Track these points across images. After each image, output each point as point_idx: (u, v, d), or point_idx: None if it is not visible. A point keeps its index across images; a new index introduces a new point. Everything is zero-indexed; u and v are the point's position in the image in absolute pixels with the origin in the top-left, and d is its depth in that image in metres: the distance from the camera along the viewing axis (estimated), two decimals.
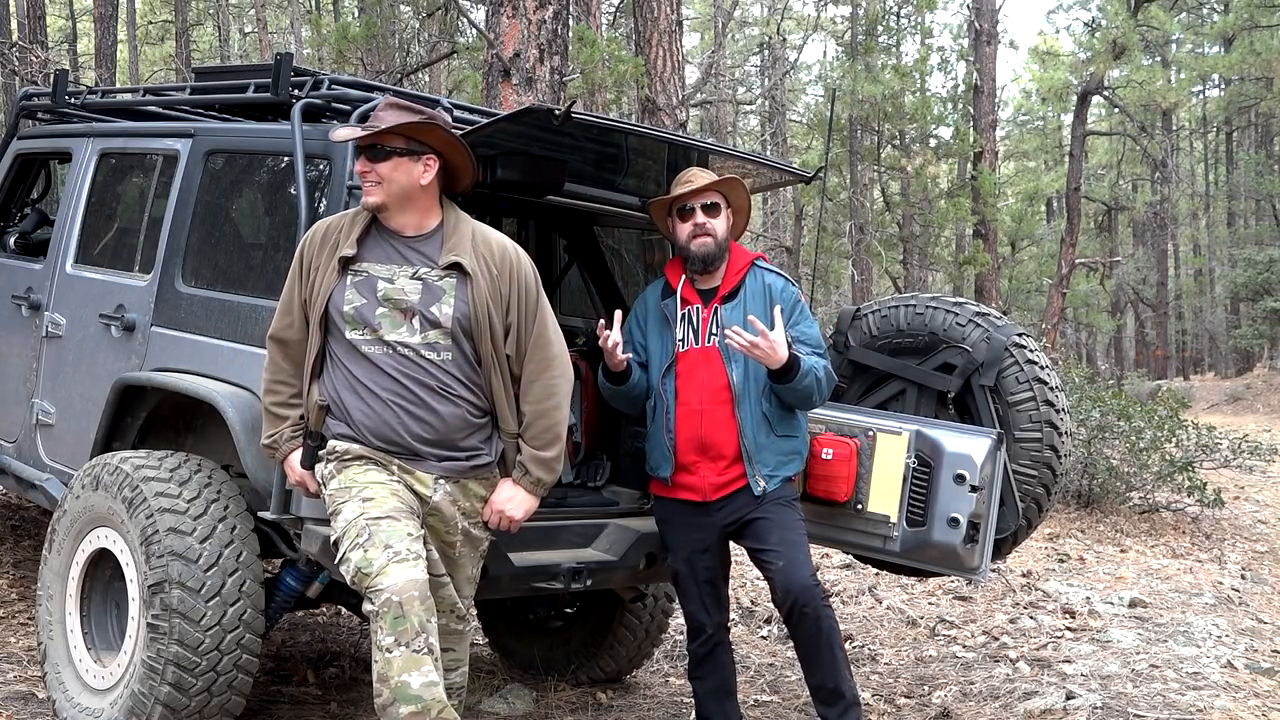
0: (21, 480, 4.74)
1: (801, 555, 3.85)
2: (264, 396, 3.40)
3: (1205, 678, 5.02)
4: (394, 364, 3.23)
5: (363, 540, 3.06)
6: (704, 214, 3.91)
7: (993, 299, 20.35)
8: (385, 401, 3.23)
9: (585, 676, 5.10)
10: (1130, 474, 10.24)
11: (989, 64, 21.03)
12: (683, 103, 11.36)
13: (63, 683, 3.88)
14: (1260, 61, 23.14)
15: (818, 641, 3.83)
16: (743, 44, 33.85)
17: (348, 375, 3.26)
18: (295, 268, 3.35)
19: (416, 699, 2.98)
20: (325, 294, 3.25)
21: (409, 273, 3.27)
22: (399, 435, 3.23)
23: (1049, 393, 4.13)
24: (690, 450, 3.90)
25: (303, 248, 3.36)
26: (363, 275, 3.26)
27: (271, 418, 3.39)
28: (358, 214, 3.33)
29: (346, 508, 3.16)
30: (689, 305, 3.96)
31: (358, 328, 3.24)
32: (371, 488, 3.18)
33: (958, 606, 6.63)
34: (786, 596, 3.82)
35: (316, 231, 3.35)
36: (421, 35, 15.13)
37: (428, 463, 3.28)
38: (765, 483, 3.87)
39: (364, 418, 3.23)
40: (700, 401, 3.89)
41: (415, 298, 3.25)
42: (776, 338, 3.73)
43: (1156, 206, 33.20)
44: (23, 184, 5.53)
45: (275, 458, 3.41)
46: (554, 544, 4.07)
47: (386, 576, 3.01)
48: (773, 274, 4.01)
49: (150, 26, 26.49)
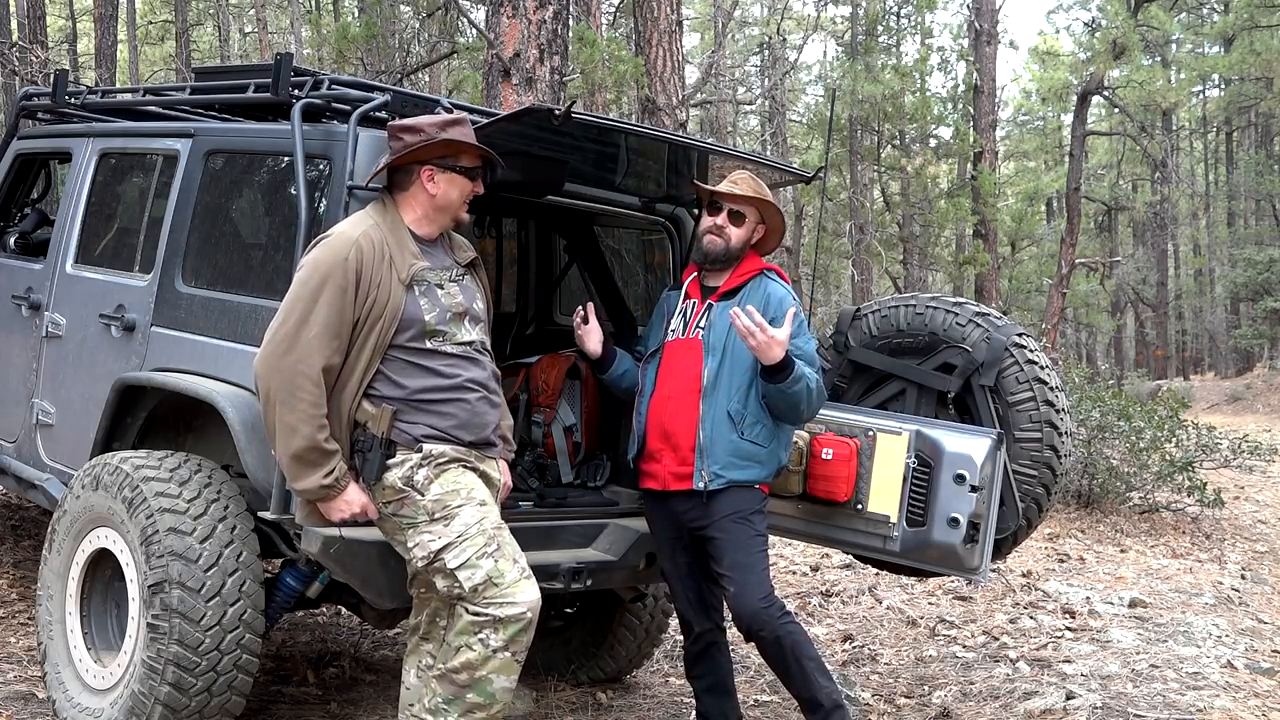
0: (21, 480, 4.73)
1: (753, 577, 3.81)
2: (311, 434, 3.14)
3: (1205, 678, 5.02)
4: (470, 362, 3.37)
5: (492, 550, 3.20)
6: (726, 218, 3.93)
7: (993, 299, 20.36)
8: (471, 401, 3.34)
9: (585, 676, 5.10)
10: (1130, 474, 10.24)
11: (989, 64, 21.05)
12: (683, 103, 11.37)
13: (63, 683, 3.88)
14: (1260, 61, 23.16)
15: (784, 659, 3.84)
16: (743, 44, 33.85)
17: (425, 380, 3.27)
18: (342, 288, 3.17)
19: (491, 697, 3.22)
20: (397, 308, 3.23)
21: (448, 276, 3.39)
22: (488, 428, 3.40)
23: (1049, 393, 4.13)
24: (655, 437, 3.92)
25: (354, 266, 3.18)
26: (425, 284, 3.32)
27: (322, 454, 3.18)
28: (393, 226, 3.32)
29: (465, 512, 3.23)
30: (690, 299, 4.00)
31: (436, 336, 3.30)
32: (478, 491, 3.29)
33: (958, 606, 6.63)
34: (740, 623, 3.85)
35: (363, 248, 3.21)
36: (421, 35, 15.13)
37: (497, 448, 3.49)
38: (708, 479, 3.80)
39: (454, 416, 3.30)
40: (670, 390, 3.91)
41: (461, 298, 3.39)
42: (778, 334, 3.70)
43: (1156, 206, 33.21)
44: (23, 184, 5.53)
45: (330, 496, 3.22)
46: (554, 544, 4.07)
47: (521, 591, 3.21)
48: (777, 285, 3.98)
49: (150, 26, 26.51)
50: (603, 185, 4.51)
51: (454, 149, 3.31)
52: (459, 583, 3.17)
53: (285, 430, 3.13)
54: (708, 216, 3.97)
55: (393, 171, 3.37)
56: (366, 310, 3.18)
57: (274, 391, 3.14)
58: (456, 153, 3.32)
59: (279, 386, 3.13)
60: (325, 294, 3.14)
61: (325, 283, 3.15)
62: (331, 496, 3.20)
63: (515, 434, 4.70)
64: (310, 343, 3.13)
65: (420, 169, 3.32)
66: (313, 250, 3.27)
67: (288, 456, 3.16)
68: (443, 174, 3.33)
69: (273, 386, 3.14)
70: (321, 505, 3.23)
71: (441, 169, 3.32)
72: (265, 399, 3.17)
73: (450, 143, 3.29)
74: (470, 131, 3.36)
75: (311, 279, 3.17)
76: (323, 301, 3.13)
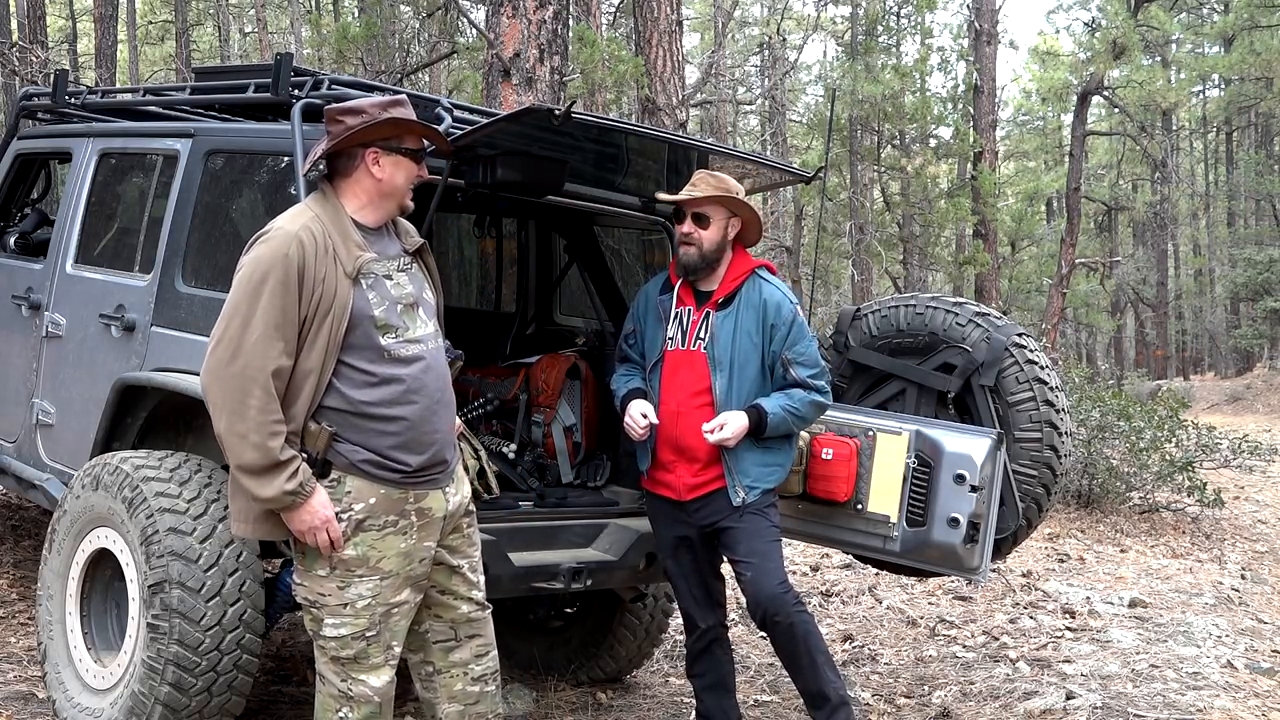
0: (22, 480, 4.74)
1: (770, 564, 3.84)
2: (266, 441, 2.89)
3: (1205, 678, 5.02)
4: (423, 362, 3.11)
5: (370, 635, 3.06)
6: (692, 223, 3.90)
7: (993, 299, 20.36)
8: (422, 405, 3.08)
9: (585, 676, 5.10)
10: (1130, 474, 10.25)
11: (989, 64, 21.05)
12: (683, 103, 11.37)
13: (63, 683, 3.88)
14: (1260, 61, 23.15)
15: (794, 647, 3.84)
16: (743, 44, 33.83)
17: (369, 392, 3.02)
18: (284, 284, 2.93)
19: None
20: (345, 303, 2.99)
21: (395, 266, 3.16)
22: (434, 445, 3.11)
23: (1049, 393, 4.13)
24: (667, 449, 3.92)
25: (297, 261, 2.95)
26: (372, 277, 3.07)
27: (281, 464, 2.91)
28: (335, 216, 3.08)
29: (362, 585, 3.04)
30: (683, 306, 3.96)
31: (388, 331, 3.05)
32: (388, 561, 3.05)
33: (958, 606, 6.63)
34: (757, 607, 3.85)
35: (304, 241, 2.98)
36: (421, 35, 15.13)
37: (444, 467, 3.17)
38: (745, 494, 3.86)
39: (396, 434, 3.04)
40: (678, 403, 3.90)
41: (410, 288, 3.16)
42: (729, 428, 3.79)
43: (1156, 206, 33.20)
44: (23, 184, 5.53)
45: (296, 504, 2.95)
46: (554, 544, 4.08)
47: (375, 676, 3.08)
48: (772, 286, 3.94)
49: (150, 26, 26.50)
50: (603, 185, 4.51)
51: (399, 129, 3.11)
52: (324, 645, 3.09)
53: (235, 440, 2.90)
54: (678, 226, 3.94)
55: (333, 159, 3.14)
56: (314, 307, 2.95)
57: (222, 401, 2.91)
58: (401, 133, 3.12)
59: (227, 395, 2.90)
60: (266, 293, 2.92)
61: (265, 280, 2.93)
62: (297, 504, 2.95)
63: (515, 434, 4.70)
64: (255, 346, 2.90)
65: (364, 152, 3.11)
66: (251, 249, 3.05)
67: (240, 467, 2.93)
68: (388, 156, 3.11)
69: (220, 396, 2.92)
70: (285, 514, 2.98)
71: (386, 151, 3.11)
72: (213, 409, 2.93)
73: (395, 122, 3.09)
74: (412, 111, 3.17)
75: (252, 278, 2.95)
76: (265, 301, 2.92)
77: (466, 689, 3.28)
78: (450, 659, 3.27)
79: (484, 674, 3.32)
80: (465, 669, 3.28)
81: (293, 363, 2.96)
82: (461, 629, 3.27)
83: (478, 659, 3.30)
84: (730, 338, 3.85)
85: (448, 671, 3.27)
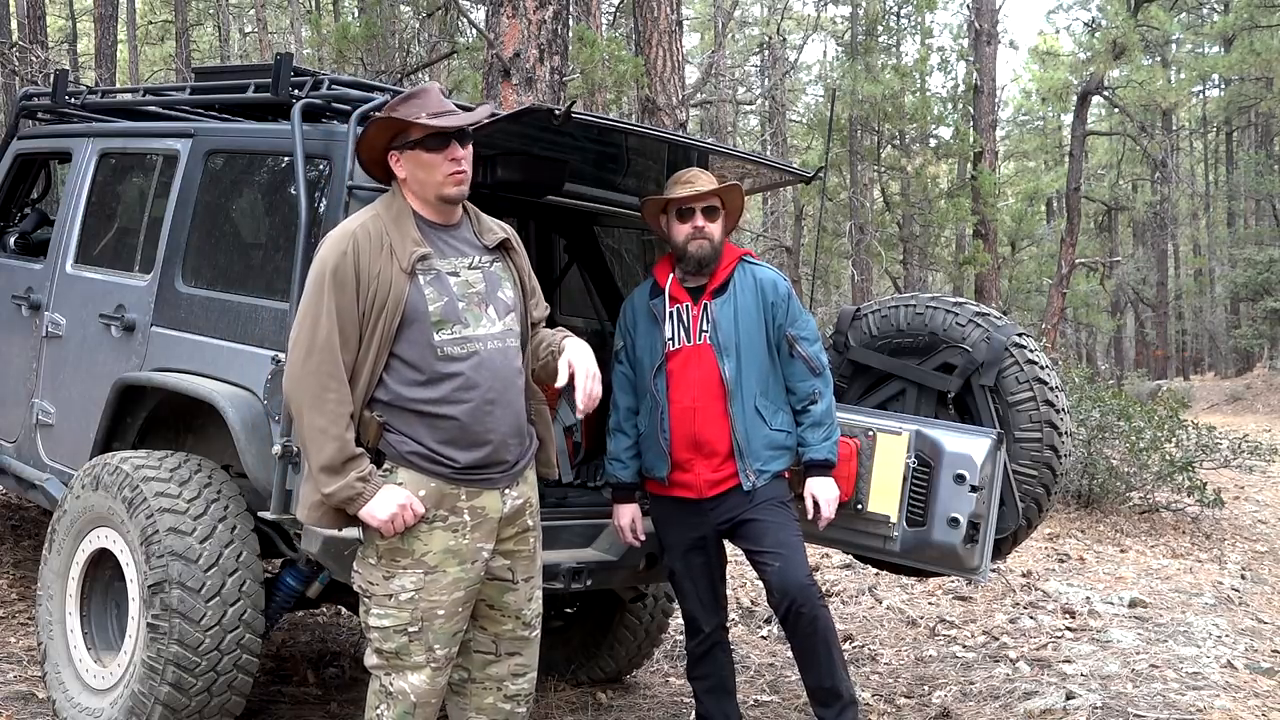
0: (21, 480, 4.74)
1: (798, 556, 3.86)
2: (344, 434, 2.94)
3: (1205, 678, 5.02)
4: (477, 358, 3.08)
5: (413, 631, 3.04)
6: (704, 217, 3.91)
7: (993, 299, 20.36)
8: (474, 404, 3.06)
9: (585, 676, 5.10)
10: (1130, 474, 10.25)
11: (989, 64, 21.04)
12: (683, 103, 11.36)
13: (63, 683, 3.88)
14: (1260, 61, 23.15)
15: (814, 641, 3.83)
16: (743, 44, 33.83)
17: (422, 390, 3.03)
18: (343, 280, 3.00)
19: None
20: (400, 297, 3.01)
21: (467, 263, 3.16)
22: (488, 445, 3.08)
23: (1049, 393, 4.13)
24: (684, 448, 3.91)
25: (352, 258, 3.01)
26: (432, 272, 3.08)
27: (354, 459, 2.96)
28: (398, 214, 3.11)
29: (405, 577, 3.03)
30: (678, 303, 3.96)
31: (445, 327, 3.05)
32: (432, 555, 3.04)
33: (958, 606, 6.63)
34: (784, 597, 3.83)
35: (359, 238, 3.03)
36: (421, 35, 15.12)
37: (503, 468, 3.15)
38: (755, 477, 3.87)
39: (446, 430, 3.04)
40: (693, 399, 3.90)
41: (483, 287, 3.16)
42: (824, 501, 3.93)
43: (1156, 206, 33.23)
44: (23, 184, 5.53)
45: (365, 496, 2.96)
46: (554, 544, 4.07)
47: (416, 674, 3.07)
48: (763, 269, 4.01)
49: (150, 26, 26.49)
50: (603, 185, 4.51)
51: (397, 128, 3.10)
52: (371, 637, 3.08)
53: (316, 434, 2.93)
54: (680, 225, 3.92)
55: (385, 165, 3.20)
56: (370, 301, 3.01)
57: (303, 399, 2.96)
58: (407, 129, 3.11)
59: (306, 392, 2.95)
60: (328, 290, 3.00)
61: (326, 278, 3.01)
62: (365, 498, 2.97)
63: None
64: (327, 341, 2.97)
65: (389, 156, 3.15)
66: (318, 250, 3.13)
67: (319, 465, 2.94)
68: (404, 154, 3.12)
69: (301, 394, 2.96)
70: (364, 512, 2.99)
71: (401, 150, 3.13)
72: (295, 410, 2.99)
73: (388, 122, 3.10)
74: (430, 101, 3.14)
75: (317, 278, 3.05)
76: (328, 297, 3.00)
77: (498, 704, 3.25)
78: (487, 671, 3.24)
79: (518, 694, 3.28)
80: (500, 685, 3.24)
81: (354, 357, 3.02)
82: (504, 645, 3.24)
83: (514, 677, 3.26)
84: (732, 322, 3.87)
85: (481, 683, 3.24)
